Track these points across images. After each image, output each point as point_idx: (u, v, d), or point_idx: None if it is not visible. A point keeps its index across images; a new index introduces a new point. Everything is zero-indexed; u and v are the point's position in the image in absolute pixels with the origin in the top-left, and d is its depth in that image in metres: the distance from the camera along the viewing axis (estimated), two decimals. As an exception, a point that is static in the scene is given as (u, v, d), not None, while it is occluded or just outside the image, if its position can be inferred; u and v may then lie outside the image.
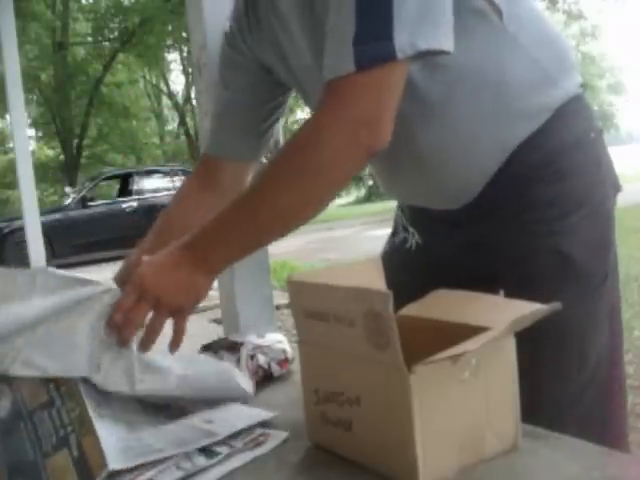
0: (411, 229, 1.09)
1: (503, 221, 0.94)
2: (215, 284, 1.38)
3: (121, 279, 0.97)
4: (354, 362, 0.68)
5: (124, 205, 10.72)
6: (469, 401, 0.66)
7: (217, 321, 1.68)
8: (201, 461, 0.74)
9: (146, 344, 0.84)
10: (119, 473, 0.68)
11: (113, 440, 0.74)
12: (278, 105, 1.13)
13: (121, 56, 19.14)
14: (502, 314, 0.68)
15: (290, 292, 0.77)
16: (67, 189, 13.57)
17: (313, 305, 0.72)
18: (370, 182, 19.37)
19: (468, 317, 0.70)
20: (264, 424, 0.82)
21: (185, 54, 21.67)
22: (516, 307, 0.69)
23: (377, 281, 0.81)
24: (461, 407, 0.66)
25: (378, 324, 0.62)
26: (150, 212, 10.62)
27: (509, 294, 0.72)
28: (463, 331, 0.65)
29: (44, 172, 18.81)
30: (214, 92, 1.19)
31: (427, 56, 0.78)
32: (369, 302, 0.63)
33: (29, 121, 18.37)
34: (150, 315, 0.84)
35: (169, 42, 20.09)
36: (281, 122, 1.17)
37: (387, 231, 1.21)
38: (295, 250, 8.71)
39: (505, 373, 0.70)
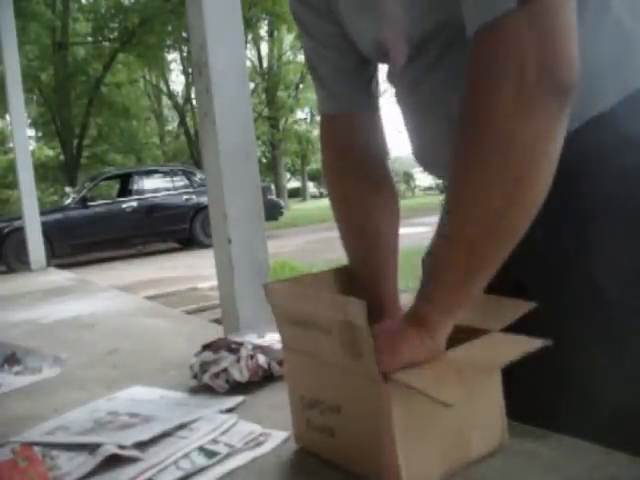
0: None
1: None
2: (215, 284, 1.37)
3: None
4: (333, 370, 0.67)
5: (124, 205, 10.71)
6: (452, 406, 0.65)
7: (217, 321, 1.67)
8: (201, 461, 0.74)
9: None
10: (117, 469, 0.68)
11: None
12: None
13: (121, 56, 19.16)
14: (498, 316, 0.68)
15: (269, 298, 0.75)
16: (67, 189, 13.55)
17: (293, 312, 0.72)
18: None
19: (468, 318, 0.70)
20: (264, 424, 0.82)
21: (185, 54, 21.71)
22: (506, 309, 0.69)
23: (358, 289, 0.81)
24: (443, 412, 0.63)
25: (353, 334, 0.61)
26: (150, 212, 10.64)
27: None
28: (463, 331, 0.65)
29: (44, 172, 18.82)
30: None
31: None
32: (344, 311, 0.62)
33: (29, 121, 18.38)
34: None
35: (169, 42, 20.11)
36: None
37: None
38: (295, 250, 8.70)
39: (489, 375, 0.68)
